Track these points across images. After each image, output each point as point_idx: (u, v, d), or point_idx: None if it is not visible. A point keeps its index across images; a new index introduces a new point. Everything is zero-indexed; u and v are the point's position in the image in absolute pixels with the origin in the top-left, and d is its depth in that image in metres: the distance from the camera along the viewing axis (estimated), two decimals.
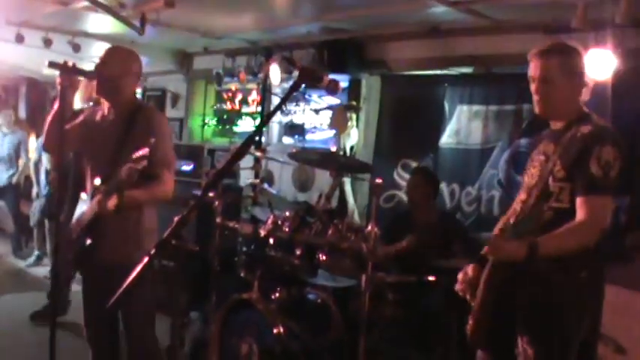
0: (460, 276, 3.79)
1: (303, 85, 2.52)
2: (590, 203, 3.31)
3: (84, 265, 4.59)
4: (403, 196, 7.27)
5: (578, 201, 3.33)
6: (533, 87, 3.62)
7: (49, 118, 4.43)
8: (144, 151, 3.93)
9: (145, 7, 6.70)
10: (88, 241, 4.32)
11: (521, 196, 3.67)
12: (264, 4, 6.76)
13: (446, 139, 6.92)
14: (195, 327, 6.75)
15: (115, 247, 4.28)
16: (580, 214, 3.30)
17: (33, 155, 10.31)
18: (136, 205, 4.26)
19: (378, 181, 5.04)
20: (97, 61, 4.43)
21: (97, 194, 4.22)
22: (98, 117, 4.57)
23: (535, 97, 3.62)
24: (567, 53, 3.55)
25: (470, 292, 3.69)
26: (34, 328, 4.80)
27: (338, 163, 5.73)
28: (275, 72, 7.88)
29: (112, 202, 4.06)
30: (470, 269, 3.74)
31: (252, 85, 9.51)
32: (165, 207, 4.49)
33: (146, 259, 2.20)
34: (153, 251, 2.22)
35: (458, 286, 3.78)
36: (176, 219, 2.28)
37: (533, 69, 3.62)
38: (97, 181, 4.28)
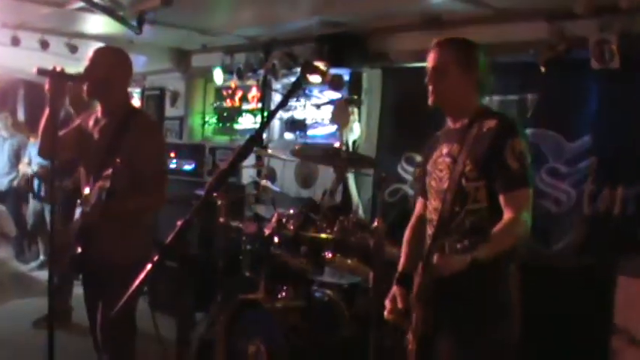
0: (389, 305, 3.67)
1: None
2: (515, 198, 3.26)
3: (79, 272, 4.56)
4: (408, 189, 7.20)
5: (502, 198, 3.28)
6: (427, 77, 3.55)
7: (41, 125, 4.38)
8: (109, 171, 3.92)
9: (141, 6, 6.63)
10: (79, 250, 4.28)
11: (433, 203, 3.57)
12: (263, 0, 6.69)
13: None
14: (201, 328, 6.69)
15: (105, 252, 4.24)
16: (507, 211, 3.24)
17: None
18: (123, 215, 4.19)
19: (383, 175, 4.97)
20: (87, 64, 4.37)
21: (84, 203, 4.19)
22: (92, 122, 4.53)
23: (429, 88, 3.54)
24: (464, 47, 3.51)
25: (402, 319, 3.59)
26: (37, 334, 4.75)
27: (341, 158, 5.65)
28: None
29: (96, 214, 4.04)
30: (398, 297, 3.63)
31: (252, 82, 9.43)
32: (167, 206, 4.45)
33: (149, 267, 2.13)
34: (156, 257, 2.14)
35: (388, 316, 3.68)
36: (179, 223, 2.21)
37: (429, 59, 3.55)
38: (87, 190, 4.26)
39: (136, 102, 11.26)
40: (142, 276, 2.14)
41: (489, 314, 3.40)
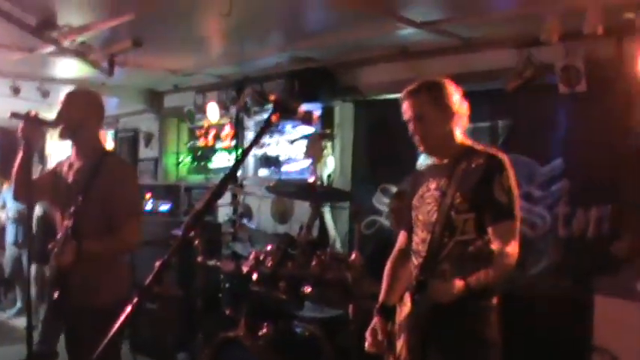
0: (369, 337, 3.66)
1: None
2: (503, 230, 3.31)
3: (58, 317, 4.53)
4: (384, 221, 7.23)
5: (490, 230, 3.33)
6: (410, 127, 3.59)
7: (14, 168, 4.37)
8: (72, 209, 3.94)
9: (112, 49, 6.65)
10: (56, 294, 4.25)
11: (421, 235, 3.59)
12: (233, 38, 6.73)
13: (423, 159, 6.87)
14: None
15: (82, 295, 4.18)
16: (496, 243, 3.26)
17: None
18: (96, 257, 4.17)
19: (358, 208, 5.00)
20: (60, 105, 4.38)
21: (55, 247, 4.18)
22: (66, 167, 4.51)
23: (415, 138, 3.59)
24: (436, 88, 3.54)
25: (383, 350, 3.59)
26: None
27: (316, 193, 5.67)
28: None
29: (68, 257, 4.02)
30: (379, 329, 3.63)
31: (225, 120, 9.45)
32: (145, 247, 4.44)
33: (129, 308, 2.13)
34: (135, 299, 2.14)
35: (370, 348, 3.67)
36: (157, 264, 2.22)
37: (406, 110, 3.59)
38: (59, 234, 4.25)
39: (109, 144, 11.26)
40: (121, 318, 2.13)
41: (476, 345, 3.43)
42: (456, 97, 3.56)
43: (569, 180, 5.84)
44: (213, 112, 8.60)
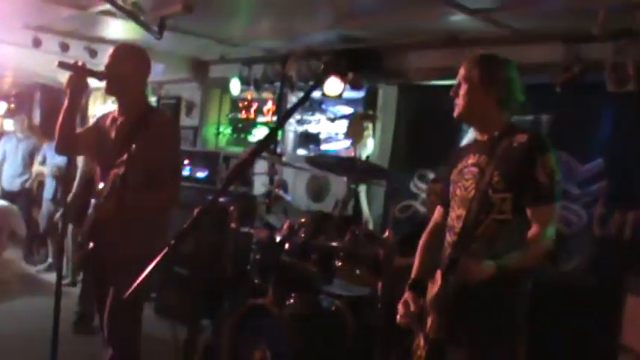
0: (402, 309, 3.64)
1: (321, 93, 2.46)
2: (543, 213, 3.30)
3: (91, 266, 4.59)
4: (419, 206, 7.22)
5: (530, 212, 3.31)
6: (453, 89, 3.60)
7: (58, 120, 4.41)
8: (124, 157, 3.95)
9: (163, 12, 6.67)
10: (91, 245, 4.30)
11: (457, 211, 3.57)
12: (282, 12, 6.73)
13: (467, 140, 6.87)
14: (207, 333, 6.69)
15: (117, 248, 4.24)
16: (534, 225, 3.27)
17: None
18: (137, 210, 4.21)
19: (396, 187, 4.99)
20: (109, 58, 4.40)
21: (98, 196, 4.22)
22: (109, 121, 4.56)
23: (455, 101, 3.60)
24: (488, 63, 3.55)
25: (414, 323, 3.57)
26: (42, 331, 4.78)
27: (355, 168, 5.67)
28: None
29: (110, 203, 4.06)
30: (411, 301, 3.60)
31: (268, 95, 9.47)
32: (178, 213, 4.46)
33: (166, 250, 2.16)
34: (173, 242, 2.17)
35: (401, 320, 3.63)
36: (196, 210, 2.24)
37: (460, 72, 3.60)
38: (101, 185, 4.28)
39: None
40: (157, 259, 2.15)
41: (504, 328, 3.43)
42: (512, 80, 3.54)
43: (608, 181, 5.79)
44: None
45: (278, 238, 5.44)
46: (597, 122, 5.89)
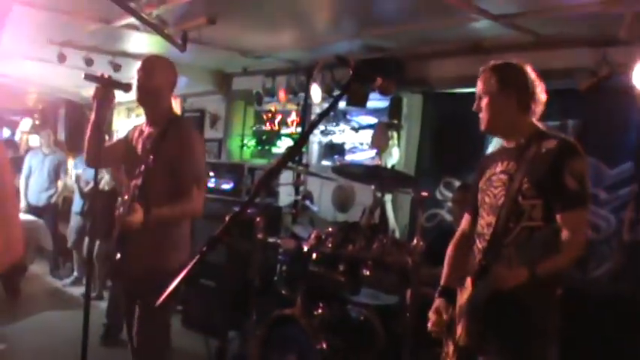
0: (433, 317, 3.63)
1: (345, 104, 2.45)
2: (573, 219, 3.26)
3: (118, 278, 4.61)
4: (446, 215, 7.21)
5: (560, 218, 3.26)
6: (476, 104, 3.59)
7: (87, 133, 4.43)
8: (142, 168, 4.02)
9: (186, 25, 6.71)
10: (118, 256, 4.32)
11: (487, 218, 3.55)
12: (305, 22, 6.74)
13: (494, 147, 6.84)
14: (234, 345, 6.70)
15: (142, 259, 4.26)
16: (565, 231, 3.21)
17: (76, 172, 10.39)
18: (162, 221, 4.22)
19: (424, 194, 4.96)
20: (138, 71, 4.42)
21: (123, 209, 4.24)
22: (137, 133, 4.59)
23: (480, 115, 3.58)
24: (508, 69, 3.53)
25: (446, 332, 3.56)
26: (70, 344, 4.79)
27: (381, 176, 5.65)
28: (316, 91, 7.86)
29: (134, 218, 4.07)
30: (443, 309, 3.60)
31: (292, 106, 9.47)
32: (203, 224, 4.45)
33: (197, 257, 2.15)
34: (204, 249, 2.16)
35: (432, 328, 3.63)
36: (228, 217, 2.23)
37: (477, 87, 3.61)
38: (125, 197, 4.31)
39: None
40: (189, 266, 2.14)
41: (534, 335, 3.39)
42: (530, 81, 3.51)
43: (638, 185, 5.75)
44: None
45: (305, 248, 5.43)
46: (625, 126, 5.87)
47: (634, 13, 5.04)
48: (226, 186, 8.49)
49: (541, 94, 3.55)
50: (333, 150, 8.96)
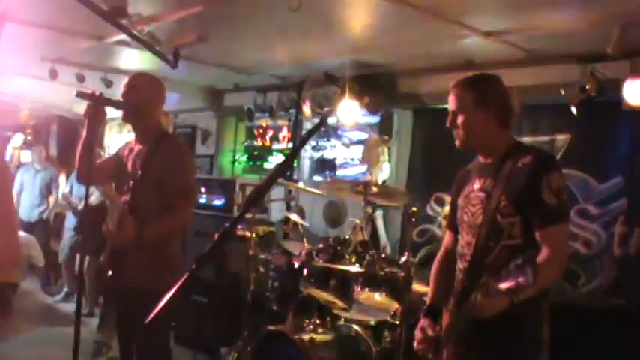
0: (419, 335, 3.55)
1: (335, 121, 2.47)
2: (552, 234, 3.21)
3: (111, 295, 4.61)
4: (436, 230, 7.21)
5: (539, 235, 3.22)
6: (449, 120, 3.52)
7: (78, 149, 4.44)
8: (130, 184, 4.03)
9: (177, 42, 6.73)
10: (109, 273, 4.33)
11: (466, 237, 3.51)
12: (296, 38, 6.75)
13: None
14: None
15: (135, 280, 4.28)
16: (545, 248, 3.17)
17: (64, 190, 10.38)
18: (154, 238, 4.22)
19: (414, 209, 4.96)
20: (123, 87, 4.45)
21: (112, 224, 4.25)
22: (127, 150, 4.61)
23: (454, 132, 3.52)
24: (480, 83, 3.48)
25: (432, 349, 3.49)
26: None
27: (372, 191, 5.65)
28: (306, 107, 7.88)
29: (126, 233, 4.09)
30: (428, 327, 3.51)
31: (283, 122, 9.47)
32: (196, 239, 4.46)
33: (186, 275, 2.15)
34: (193, 266, 2.16)
35: (418, 346, 3.54)
36: (217, 235, 2.24)
37: (450, 102, 3.52)
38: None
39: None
40: (177, 285, 2.15)
41: (524, 353, 3.37)
42: (506, 95, 3.48)
43: (627, 199, 5.77)
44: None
45: (296, 264, 5.43)
46: (614, 141, 5.89)
47: (621, 28, 5.08)
48: (218, 202, 8.48)
49: (512, 106, 3.54)
50: (325, 165, 8.95)
